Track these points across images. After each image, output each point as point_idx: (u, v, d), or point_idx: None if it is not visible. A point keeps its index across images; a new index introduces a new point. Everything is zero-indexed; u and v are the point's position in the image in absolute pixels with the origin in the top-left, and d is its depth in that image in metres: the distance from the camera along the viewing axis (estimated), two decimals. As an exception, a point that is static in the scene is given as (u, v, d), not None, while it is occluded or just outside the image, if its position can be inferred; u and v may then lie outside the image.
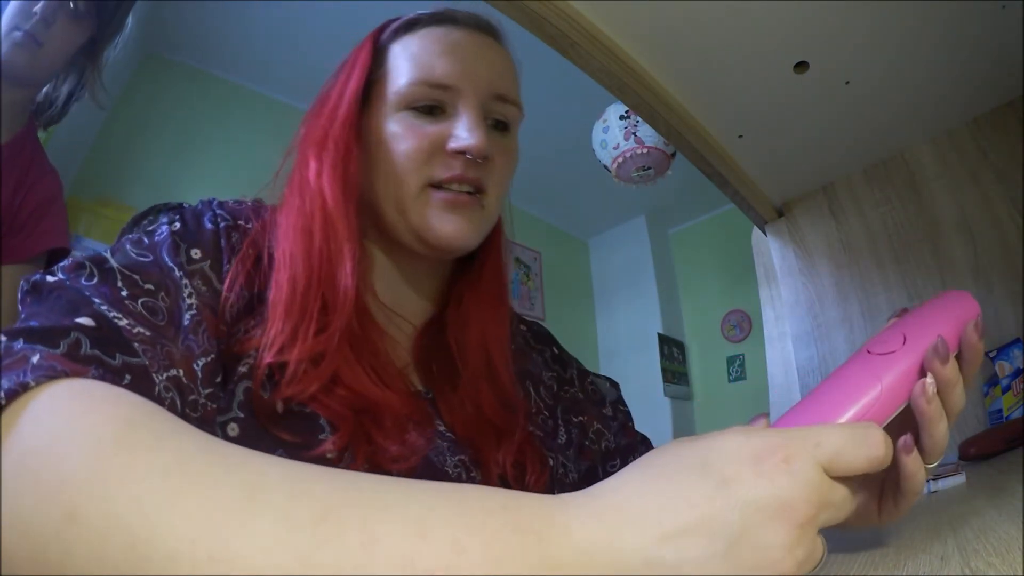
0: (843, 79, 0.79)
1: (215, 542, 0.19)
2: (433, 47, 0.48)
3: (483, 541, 0.20)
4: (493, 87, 0.48)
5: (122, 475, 0.20)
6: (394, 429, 0.41)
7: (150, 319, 0.35)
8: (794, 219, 1.10)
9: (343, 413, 0.39)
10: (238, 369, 0.40)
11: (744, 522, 0.22)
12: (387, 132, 0.47)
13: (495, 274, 0.55)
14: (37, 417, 0.23)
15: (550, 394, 0.58)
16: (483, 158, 0.46)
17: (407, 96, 0.47)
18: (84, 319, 0.31)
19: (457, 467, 0.44)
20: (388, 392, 0.43)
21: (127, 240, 0.40)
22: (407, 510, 0.21)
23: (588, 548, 0.21)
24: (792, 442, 0.24)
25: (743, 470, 0.23)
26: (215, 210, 0.45)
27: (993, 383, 0.80)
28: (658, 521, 0.22)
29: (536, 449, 0.49)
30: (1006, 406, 0.77)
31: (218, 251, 0.42)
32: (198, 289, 0.39)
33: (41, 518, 0.20)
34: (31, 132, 0.93)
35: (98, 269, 0.35)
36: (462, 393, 0.48)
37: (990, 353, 0.82)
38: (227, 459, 0.22)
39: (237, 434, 0.37)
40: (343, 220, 0.45)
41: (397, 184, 0.46)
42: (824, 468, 0.24)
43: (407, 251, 0.49)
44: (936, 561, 0.28)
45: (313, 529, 0.19)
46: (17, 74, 0.85)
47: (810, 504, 0.23)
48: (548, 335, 0.65)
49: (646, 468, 0.25)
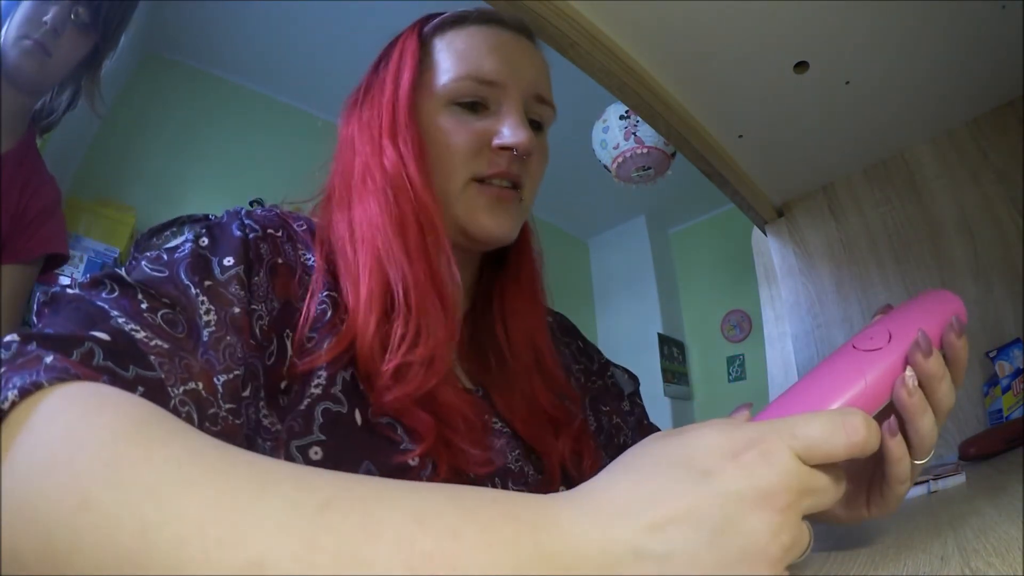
0: (843, 79, 0.79)
1: (223, 526, 0.19)
2: (481, 45, 0.49)
3: (478, 528, 0.21)
4: (535, 87, 0.50)
5: (136, 465, 0.21)
6: (467, 431, 0.42)
7: (169, 332, 0.34)
8: (794, 219, 1.10)
9: (425, 419, 0.39)
10: (309, 391, 0.39)
11: (726, 512, 0.22)
12: (435, 125, 0.48)
13: (532, 268, 0.56)
14: (51, 412, 0.23)
15: (579, 386, 0.59)
16: (527, 155, 0.48)
17: (454, 91, 0.48)
18: (100, 333, 0.31)
19: (518, 460, 0.45)
20: (450, 391, 0.43)
21: (144, 258, 0.39)
22: (405, 502, 0.22)
23: (578, 540, 0.22)
24: (769, 434, 0.24)
25: (723, 463, 0.23)
26: (243, 219, 0.44)
27: (993, 383, 0.80)
28: (644, 513, 0.22)
29: (591, 436, 0.51)
30: (1006, 406, 0.77)
31: (248, 261, 0.40)
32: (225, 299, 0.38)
33: (53, 506, 0.20)
34: (32, 139, 0.94)
35: (117, 284, 0.35)
36: (516, 387, 0.49)
37: (990, 353, 0.82)
38: (236, 455, 0.22)
39: (321, 457, 0.37)
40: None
41: (444, 177, 0.47)
42: (801, 457, 0.24)
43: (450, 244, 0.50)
44: (936, 561, 0.28)
45: (318, 515, 0.20)
46: (24, 81, 0.87)
47: (789, 491, 0.23)
48: (573, 327, 0.66)
49: (630, 465, 0.26)
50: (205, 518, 0.19)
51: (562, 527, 0.22)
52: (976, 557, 0.27)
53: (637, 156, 1.86)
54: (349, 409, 0.39)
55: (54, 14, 0.84)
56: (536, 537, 0.21)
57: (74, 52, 0.89)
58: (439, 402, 0.41)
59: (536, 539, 0.21)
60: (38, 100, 0.95)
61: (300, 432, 0.37)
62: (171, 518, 0.19)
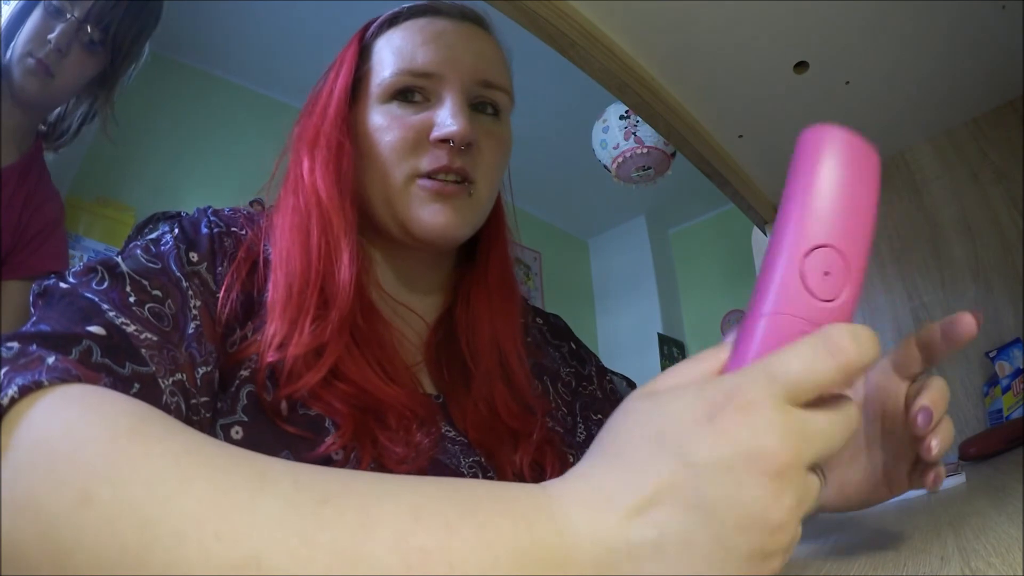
0: (843, 79, 0.79)
1: (221, 522, 0.19)
2: (415, 37, 0.48)
3: (475, 523, 0.21)
4: (478, 73, 0.47)
5: (136, 460, 0.21)
6: (400, 428, 0.41)
7: (156, 324, 0.35)
8: (794, 219, 1.10)
9: (345, 411, 0.39)
10: (239, 373, 0.40)
11: (715, 486, 0.20)
12: (372, 125, 0.47)
13: (502, 268, 0.53)
14: (52, 410, 0.24)
15: (568, 390, 0.57)
16: (466, 145, 0.45)
17: (390, 86, 0.47)
18: (95, 327, 0.32)
19: (472, 468, 0.44)
20: (392, 387, 0.42)
21: (136, 246, 0.40)
22: (402, 497, 0.22)
23: (573, 532, 0.21)
24: (742, 385, 0.21)
25: (699, 432, 0.21)
26: (209, 217, 0.46)
27: (993, 383, 0.80)
28: (633, 503, 0.21)
29: (556, 448, 0.48)
30: (1006, 406, 0.77)
31: (212, 255, 0.43)
32: (198, 292, 0.40)
33: (55, 502, 0.20)
34: (38, 154, 0.93)
35: (109, 274, 0.36)
36: (475, 395, 0.47)
37: (990, 353, 0.82)
38: (234, 453, 0.23)
39: (241, 437, 0.37)
40: (338, 214, 0.45)
41: (383, 176, 0.46)
42: (788, 400, 0.21)
43: (400, 245, 0.49)
44: (936, 561, 0.28)
45: (315, 511, 0.20)
46: (27, 100, 0.85)
47: (784, 448, 0.20)
48: (566, 329, 0.64)
49: (607, 445, 0.24)
50: (203, 514, 0.19)
51: (555, 520, 0.21)
52: (976, 557, 0.27)
53: (637, 156, 1.86)
54: (275, 396, 0.39)
55: (59, 33, 0.81)
56: (533, 533, 0.21)
57: (81, 73, 0.87)
58: (372, 394, 0.41)
59: (533, 535, 0.21)
60: (46, 116, 0.93)
61: (226, 412, 0.38)
62: (170, 514, 0.19)
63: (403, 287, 0.51)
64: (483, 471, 0.44)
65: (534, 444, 0.46)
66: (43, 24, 0.81)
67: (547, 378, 0.55)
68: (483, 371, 0.48)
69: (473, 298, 0.51)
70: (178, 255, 0.40)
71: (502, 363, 0.49)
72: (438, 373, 0.49)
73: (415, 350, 0.49)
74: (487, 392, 0.47)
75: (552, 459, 0.46)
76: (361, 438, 0.39)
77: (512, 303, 0.53)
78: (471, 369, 0.48)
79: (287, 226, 0.45)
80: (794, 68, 0.76)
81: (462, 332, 0.50)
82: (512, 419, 0.47)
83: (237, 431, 0.38)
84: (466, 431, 0.45)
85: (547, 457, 0.46)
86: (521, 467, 0.45)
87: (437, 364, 0.49)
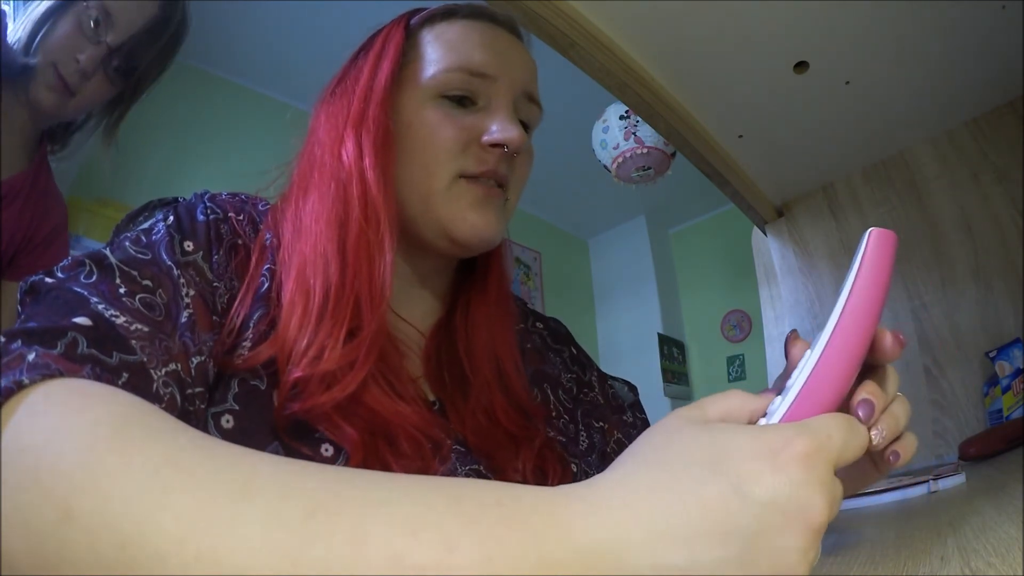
0: (843, 79, 0.79)
1: (203, 542, 0.19)
2: (472, 37, 0.47)
3: (477, 539, 0.20)
4: (525, 85, 0.48)
5: (115, 473, 0.20)
6: (413, 453, 0.39)
7: (148, 315, 0.34)
8: (794, 219, 1.10)
9: (355, 437, 0.37)
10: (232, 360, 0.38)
11: (761, 524, 0.20)
12: (419, 119, 0.45)
13: (500, 277, 0.53)
14: (33, 414, 0.23)
15: (570, 397, 0.56)
16: (518, 152, 0.46)
17: (443, 82, 0.45)
18: (81, 319, 0.31)
19: (469, 476, 0.42)
20: (402, 405, 0.40)
21: (125, 238, 0.39)
22: (399, 507, 0.20)
23: (591, 548, 0.20)
24: (805, 435, 0.22)
25: (759, 466, 0.21)
26: (206, 202, 0.44)
27: (993, 383, 0.80)
28: (669, 523, 0.20)
29: (557, 454, 0.47)
30: (1006, 406, 0.77)
31: (208, 243, 0.41)
32: (192, 282, 0.38)
33: (39, 515, 0.20)
34: (44, 157, 0.94)
35: (97, 266, 0.35)
36: (473, 404, 0.46)
37: (990, 353, 0.82)
38: (218, 457, 0.22)
39: (232, 426, 0.36)
40: (385, 208, 0.42)
41: (427, 174, 0.44)
42: (835, 464, 0.23)
43: (418, 246, 0.47)
44: (936, 561, 0.28)
45: (302, 527, 0.19)
46: (38, 109, 0.85)
47: (827, 509, 0.21)
48: (566, 335, 0.63)
49: (650, 458, 0.23)
50: (183, 534, 0.19)
51: (572, 532, 0.20)
52: (976, 557, 0.27)
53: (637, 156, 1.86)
54: (267, 386, 0.38)
55: (89, 56, 0.79)
56: (541, 547, 0.20)
57: (97, 97, 0.87)
58: (386, 418, 0.38)
59: (541, 549, 0.20)
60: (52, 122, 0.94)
61: (217, 400, 0.37)
62: (150, 534, 0.19)
63: (411, 290, 0.50)
64: (480, 478, 0.43)
65: (536, 450, 0.45)
66: (74, 39, 0.79)
67: (547, 385, 0.54)
68: (481, 380, 0.47)
69: (473, 307, 0.51)
70: (170, 244, 0.39)
71: (500, 371, 0.49)
72: (437, 381, 0.47)
73: (416, 360, 0.48)
74: (486, 401, 0.46)
75: (554, 465, 0.46)
76: (371, 465, 0.37)
77: (507, 312, 0.53)
78: (469, 378, 0.47)
79: (320, 217, 0.42)
80: (794, 68, 0.76)
81: (460, 340, 0.49)
82: (512, 425, 0.46)
83: (227, 420, 0.36)
84: (464, 438, 0.44)
85: (549, 463, 0.46)
86: (524, 472, 0.44)
87: (437, 372, 0.48)
